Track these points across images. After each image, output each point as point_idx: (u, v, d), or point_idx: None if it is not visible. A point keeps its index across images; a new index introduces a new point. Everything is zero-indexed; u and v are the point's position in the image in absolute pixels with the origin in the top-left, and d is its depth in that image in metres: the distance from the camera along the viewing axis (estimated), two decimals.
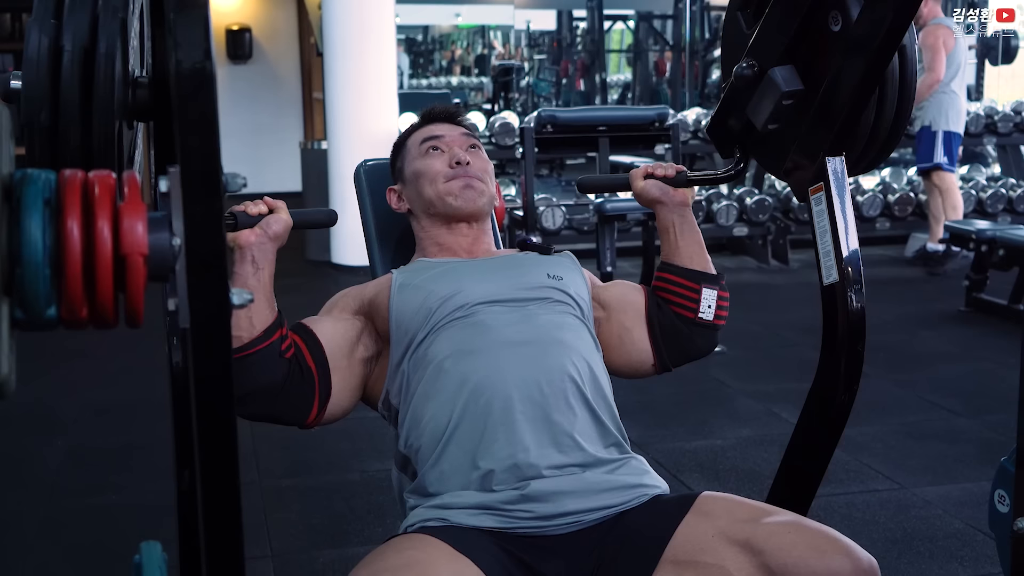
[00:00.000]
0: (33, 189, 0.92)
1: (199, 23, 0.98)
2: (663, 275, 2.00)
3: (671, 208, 2.00)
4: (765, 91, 1.86)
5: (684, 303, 1.96)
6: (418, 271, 1.91)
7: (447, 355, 1.76)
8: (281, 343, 1.75)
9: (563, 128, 5.27)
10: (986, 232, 5.76)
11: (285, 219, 1.80)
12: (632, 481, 1.75)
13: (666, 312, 1.96)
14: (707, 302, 1.96)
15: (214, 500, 1.03)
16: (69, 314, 0.93)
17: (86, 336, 1.00)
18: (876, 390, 4.32)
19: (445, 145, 2.01)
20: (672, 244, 2.01)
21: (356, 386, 1.86)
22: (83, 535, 3.14)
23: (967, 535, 3.04)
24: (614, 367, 1.94)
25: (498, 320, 1.80)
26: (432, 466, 1.72)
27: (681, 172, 2.01)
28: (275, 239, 1.78)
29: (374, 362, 1.87)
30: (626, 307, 1.96)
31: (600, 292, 1.98)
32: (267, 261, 1.77)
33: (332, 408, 1.82)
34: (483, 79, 15.29)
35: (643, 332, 1.95)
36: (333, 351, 1.82)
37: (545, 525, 1.67)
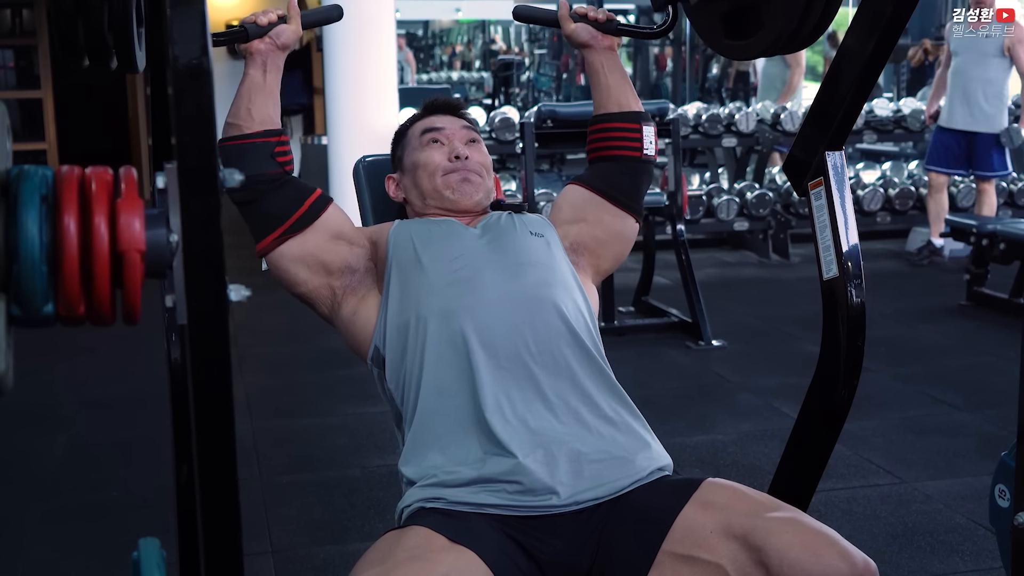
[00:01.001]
0: (30, 185, 0.92)
1: (196, 18, 0.98)
2: (603, 125, 2.04)
3: (598, 51, 2.05)
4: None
5: (629, 144, 2.02)
6: (417, 221, 1.97)
7: (436, 312, 1.79)
8: (275, 146, 1.84)
9: (563, 123, 5.27)
10: (986, 226, 5.76)
11: (293, 28, 1.92)
12: (630, 455, 1.76)
13: (606, 172, 2.02)
14: (648, 139, 2.03)
15: (212, 495, 1.02)
16: (66, 311, 0.93)
17: (85, 332, 1.00)
18: (876, 384, 4.32)
19: (445, 138, 2.02)
20: (603, 86, 2.05)
21: (318, 263, 1.87)
22: (82, 531, 3.14)
23: (968, 529, 3.04)
24: (616, 252, 2.02)
25: (487, 278, 1.82)
26: (422, 427, 1.75)
27: (611, 19, 2.05)
28: (283, 48, 1.90)
29: (349, 277, 1.89)
30: (583, 206, 2.01)
31: (559, 216, 2.02)
32: (275, 67, 1.89)
33: (287, 250, 1.84)
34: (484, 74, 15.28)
35: (608, 206, 2.00)
36: (328, 219, 1.88)
37: (540, 501, 1.67)
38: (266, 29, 1.89)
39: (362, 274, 1.89)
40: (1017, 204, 7.63)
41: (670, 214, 5.43)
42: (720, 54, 1.96)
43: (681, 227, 5.47)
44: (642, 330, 5.39)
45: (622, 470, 1.73)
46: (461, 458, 1.71)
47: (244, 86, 1.87)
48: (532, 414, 1.73)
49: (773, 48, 1.84)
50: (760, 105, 7.83)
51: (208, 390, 1.00)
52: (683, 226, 5.50)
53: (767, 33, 1.80)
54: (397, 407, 1.83)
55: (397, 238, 1.89)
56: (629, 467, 1.74)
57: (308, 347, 4.94)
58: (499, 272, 1.84)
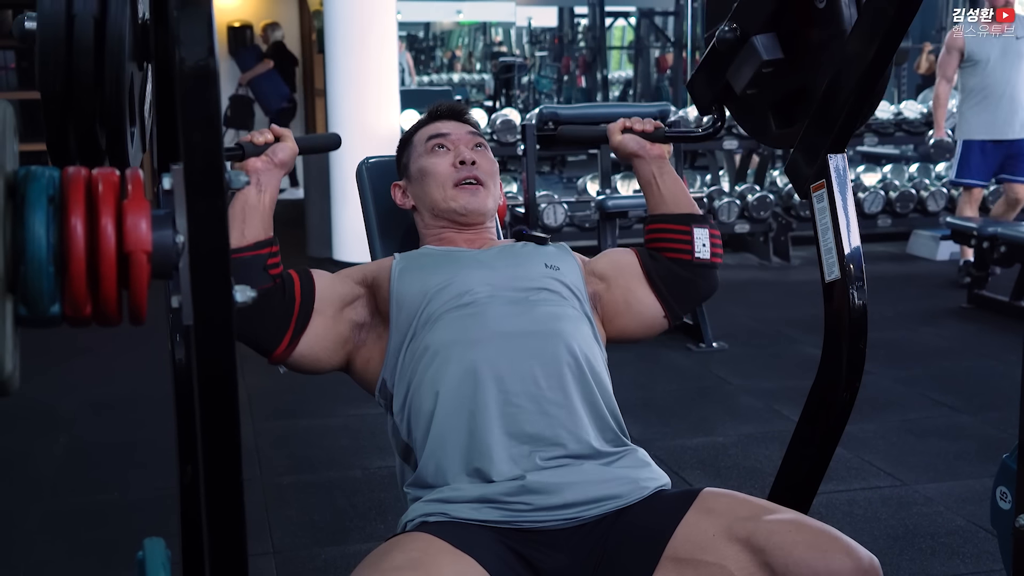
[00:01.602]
0: (37, 186, 0.92)
1: (202, 20, 0.98)
2: (653, 226, 2.02)
3: (648, 161, 2.04)
4: (746, 57, 1.86)
5: (679, 247, 1.97)
6: (419, 256, 1.93)
7: (444, 343, 1.77)
8: (268, 258, 1.79)
9: (565, 125, 5.26)
10: (987, 229, 5.76)
11: (291, 147, 1.89)
12: (632, 474, 1.75)
13: (662, 262, 1.97)
14: (700, 241, 1.97)
15: (217, 496, 1.03)
16: (73, 311, 0.94)
17: (87, 332, 1.01)
18: (877, 387, 4.32)
19: (451, 144, 2.01)
20: (655, 194, 2.03)
21: (334, 341, 1.85)
22: (86, 532, 3.14)
23: (969, 532, 3.05)
24: (628, 331, 1.96)
25: (497, 310, 1.80)
26: (430, 456, 1.73)
27: (659, 128, 2.04)
28: (281, 166, 1.88)
29: (361, 332, 1.87)
30: (622, 270, 1.97)
31: (593, 266, 1.99)
32: (271, 186, 1.86)
33: (303, 349, 1.81)
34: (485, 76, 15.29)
35: (646, 289, 1.95)
36: (323, 298, 1.84)
37: (545, 518, 1.67)
38: (262, 148, 1.87)
39: (369, 325, 1.88)
40: None
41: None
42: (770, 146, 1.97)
43: None
44: None
45: (624, 487, 1.73)
46: (468, 482, 1.71)
47: (237, 207, 1.81)
48: (539, 446, 1.71)
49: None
50: None
51: (213, 391, 1.00)
52: None
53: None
54: (402, 439, 1.81)
55: (400, 274, 1.86)
56: (631, 484, 1.74)
57: None
58: (509, 305, 1.82)
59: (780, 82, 1.87)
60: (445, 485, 1.71)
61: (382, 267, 1.91)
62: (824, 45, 1.78)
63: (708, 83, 1.98)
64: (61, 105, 1.25)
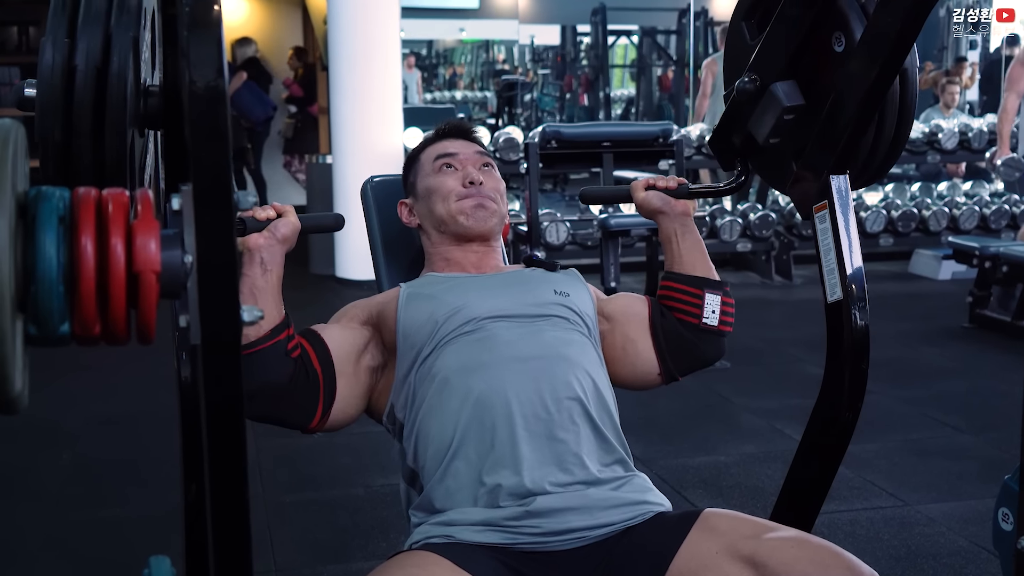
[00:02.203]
0: (48, 206, 0.93)
1: (212, 42, 0.99)
2: (667, 283, 2.00)
3: (672, 218, 2.02)
4: (767, 106, 1.87)
5: (688, 309, 1.95)
6: (426, 285, 1.92)
7: (453, 369, 1.77)
8: (287, 343, 1.76)
9: (567, 143, 5.29)
10: (989, 248, 5.77)
11: (293, 222, 1.83)
12: (636, 498, 1.75)
13: (670, 320, 1.95)
14: (711, 307, 1.95)
15: (223, 514, 1.03)
16: (82, 330, 0.94)
17: (90, 349, 1.01)
18: (879, 407, 4.32)
19: (459, 163, 2.01)
20: (675, 253, 2.01)
21: (361, 394, 1.85)
22: (89, 549, 3.14)
23: (971, 553, 3.04)
24: (620, 379, 1.93)
25: (505, 336, 1.80)
26: (438, 481, 1.73)
27: (683, 184, 2.03)
28: (284, 242, 1.81)
29: (380, 373, 1.88)
30: (630, 318, 1.96)
31: (604, 305, 1.98)
32: (275, 263, 1.80)
33: (336, 414, 1.82)
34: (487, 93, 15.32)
35: (647, 342, 1.94)
36: (340, 357, 1.82)
37: (549, 541, 1.67)
38: (264, 224, 1.80)
39: (383, 363, 1.88)
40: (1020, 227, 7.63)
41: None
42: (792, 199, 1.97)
43: None
44: None
45: (627, 511, 1.73)
46: (474, 507, 1.71)
47: (246, 291, 1.76)
48: (546, 472, 1.71)
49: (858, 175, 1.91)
50: None
51: (220, 409, 1.01)
52: None
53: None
54: (409, 465, 1.81)
55: (407, 304, 1.85)
56: (634, 509, 1.74)
57: None
58: (517, 330, 1.81)
59: (802, 130, 1.88)
60: (451, 510, 1.71)
61: (388, 299, 1.91)
62: None
63: (730, 137, 1.98)
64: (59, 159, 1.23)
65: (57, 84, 1.21)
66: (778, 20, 1.85)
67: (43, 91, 1.22)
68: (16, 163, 0.92)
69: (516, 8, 13.34)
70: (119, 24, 1.24)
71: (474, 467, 1.71)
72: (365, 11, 6.87)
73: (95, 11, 1.24)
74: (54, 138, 1.22)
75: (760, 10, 1.94)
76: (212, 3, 1.01)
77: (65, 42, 1.23)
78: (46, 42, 1.23)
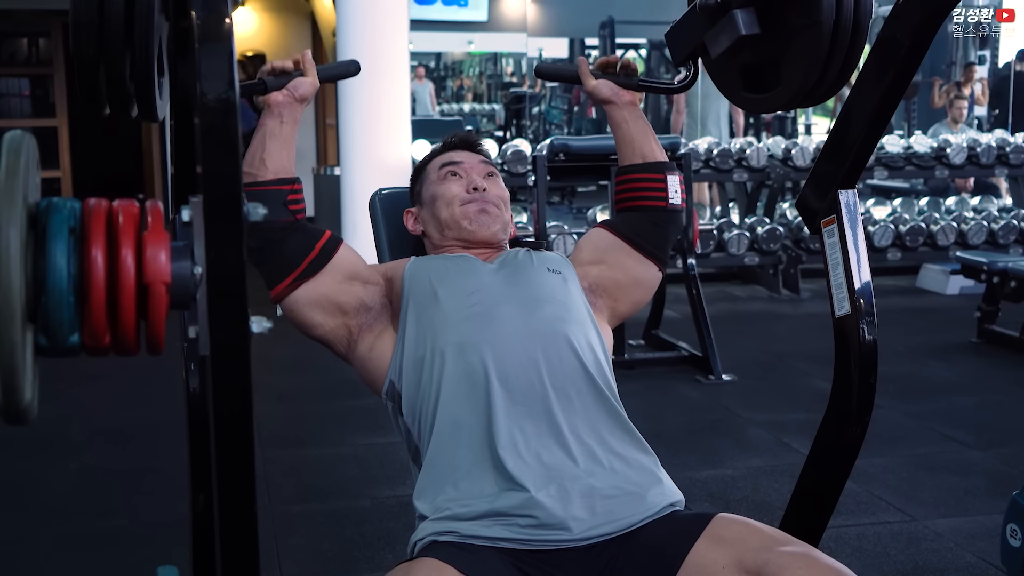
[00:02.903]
0: (58, 218, 0.94)
1: (223, 55, 1.00)
2: (628, 176, 2.04)
3: (620, 107, 2.05)
4: (725, 27, 1.86)
5: (654, 195, 2.01)
6: (432, 259, 1.97)
7: (452, 344, 1.79)
8: (288, 194, 1.84)
9: (575, 156, 5.29)
10: (998, 264, 5.76)
11: (311, 81, 1.91)
12: (643, 491, 1.76)
13: (632, 218, 2.02)
14: (673, 187, 2.02)
15: (231, 524, 1.03)
16: (92, 341, 0.95)
17: (98, 359, 1.02)
18: (887, 421, 4.31)
19: (463, 171, 2.04)
20: (627, 139, 2.05)
21: (333, 306, 1.87)
22: (96, 559, 3.14)
23: (979, 569, 3.03)
24: (636, 299, 2.01)
25: (503, 312, 1.83)
26: (437, 454, 1.76)
27: (632, 74, 2.06)
28: (302, 100, 1.90)
29: (366, 315, 1.89)
30: (607, 249, 2.01)
31: (579, 257, 2.02)
32: (292, 119, 1.90)
33: (302, 295, 1.84)
34: (495, 106, 15.34)
35: (633, 254, 1.99)
36: (340, 261, 1.88)
37: (553, 536, 1.67)
38: (284, 81, 1.89)
39: (377, 311, 1.90)
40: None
41: (681, 248, 5.46)
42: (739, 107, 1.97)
43: (692, 261, 5.49)
44: (652, 363, 5.40)
45: (634, 506, 1.73)
46: (475, 492, 1.72)
47: (260, 135, 1.88)
48: (545, 449, 1.73)
49: (791, 103, 1.87)
50: (771, 140, 7.86)
51: (229, 420, 1.01)
52: (694, 260, 5.53)
53: (785, 88, 1.83)
54: (413, 441, 1.83)
55: (413, 274, 1.90)
56: (641, 503, 1.74)
57: (319, 377, 4.95)
58: (515, 307, 1.84)
59: (753, 52, 1.87)
60: (451, 486, 1.73)
61: (398, 265, 1.95)
62: (800, 29, 1.78)
63: (686, 39, 1.99)
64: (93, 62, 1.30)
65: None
66: None
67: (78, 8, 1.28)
68: (28, 174, 0.93)
69: (525, 21, 13.36)
70: None
71: (472, 441, 1.74)
72: (374, 23, 6.88)
73: None
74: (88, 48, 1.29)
75: None
76: (223, 16, 1.01)
77: None
78: None
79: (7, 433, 3.84)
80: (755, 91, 1.91)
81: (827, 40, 1.72)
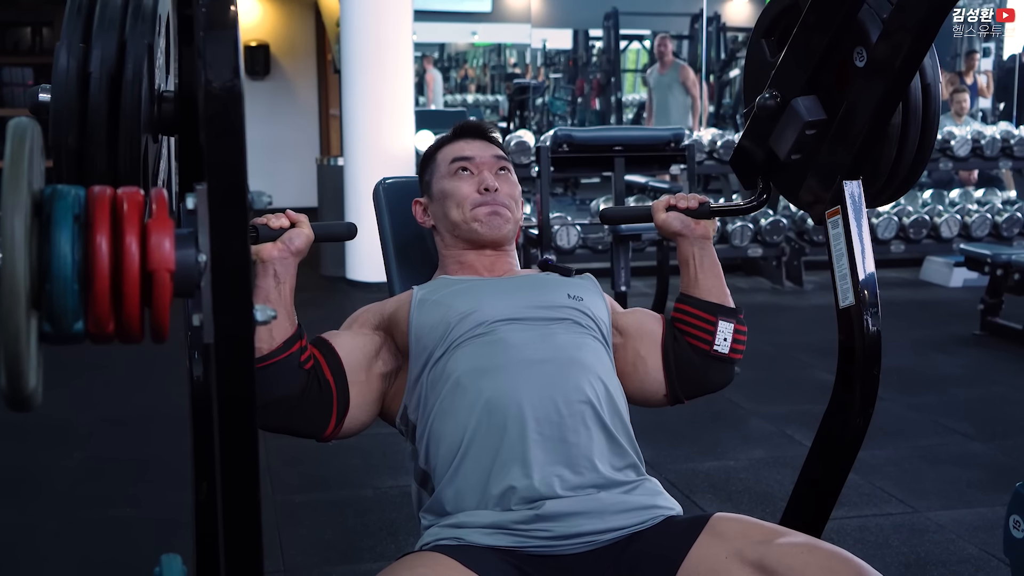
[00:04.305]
0: (63, 205, 0.93)
1: (228, 43, 1.00)
2: (681, 306, 1.98)
3: (692, 241, 1.98)
4: (788, 121, 1.86)
5: (700, 335, 1.94)
6: (438, 287, 1.92)
7: (465, 371, 1.76)
8: (300, 355, 1.75)
9: (579, 147, 5.29)
10: (1001, 256, 5.75)
11: (307, 233, 1.80)
12: (646, 502, 1.75)
13: (682, 344, 1.94)
14: (723, 335, 1.93)
15: (234, 513, 1.03)
16: (96, 328, 0.95)
17: (101, 348, 1.01)
18: (890, 413, 4.31)
19: (475, 168, 2.00)
20: (691, 277, 1.98)
21: (374, 400, 1.85)
22: (99, 548, 3.15)
23: (981, 560, 3.03)
24: (626, 394, 1.91)
25: (517, 338, 1.80)
26: (448, 483, 1.73)
27: (703, 204, 2.00)
28: (297, 254, 1.78)
29: (393, 377, 1.87)
30: (643, 335, 1.95)
31: (619, 318, 1.97)
32: (288, 275, 1.78)
33: (350, 422, 1.82)
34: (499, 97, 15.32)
35: (657, 362, 1.93)
36: (352, 365, 1.82)
37: (559, 545, 1.67)
38: (278, 233, 1.78)
39: (396, 368, 1.87)
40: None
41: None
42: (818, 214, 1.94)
43: None
44: None
45: (636, 516, 1.73)
46: (483, 508, 1.71)
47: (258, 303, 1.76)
48: (558, 475, 1.71)
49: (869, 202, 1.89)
50: None
51: (232, 408, 1.01)
52: None
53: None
54: (421, 467, 1.81)
55: (419, 308, 1.85)
56: (645, 514, 1.74)
57: None
58: (529, 333, 1.81)
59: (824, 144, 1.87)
60: (461, 512, 1.71)
61: (400, 302, 1.90)
62: None
63: (751, 154, 1.97)
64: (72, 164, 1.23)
65: (72, 90, 1.22)
66: (799, 35, 1.85)
67: (58, 96, 1.23)
68: (32, 161, 0.93)
69: (528, 12, 13.34)
70: (134, 30, 1.24)
71: (484, 469, 1.71)
72: (378, 14, 6.88)
73: (110, 17, 1.25)
74: (68, 143, 1.22)
75: (780, 26, 1.94)
76: (228, 4, 1.01)
77: (80, 47, 1.23)
78: (61, 47, 1.24)
79: (11, 422, 3.85)
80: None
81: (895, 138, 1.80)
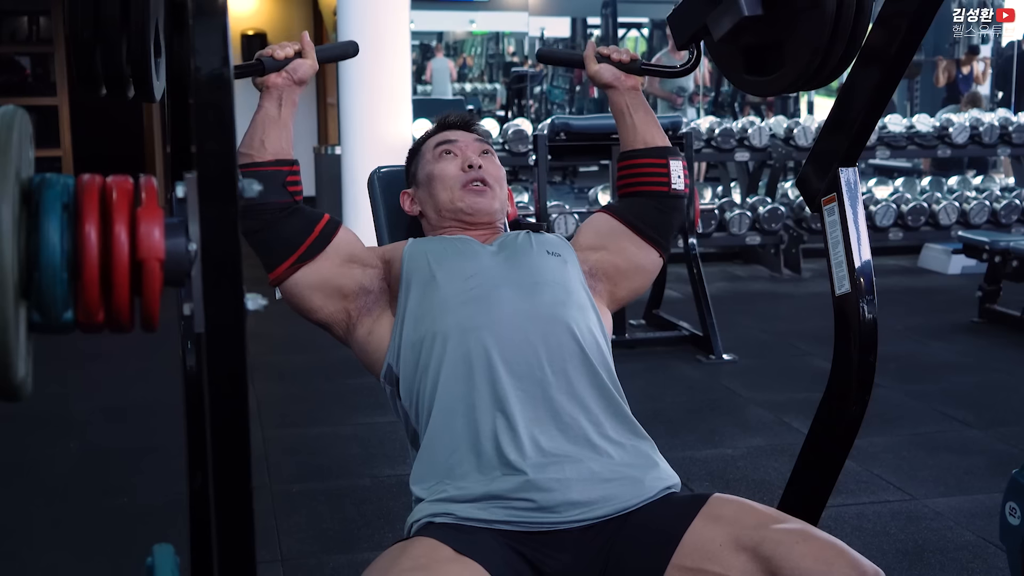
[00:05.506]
0: (52, 193, 0.93)
1: (217, 30, 0.99)
2: (630, 161, 2.03)
3: (622, 92, 2.04)
4: (728, 7, 1.85)
5: (655, 180, 2.00)
6: (430, 241, 1.96)
7: (450, 328, 1.78)
8: (287, 175, 1.83)
9: (576, 136, 5.28)
10: (999, 243, 5.75)
11: (311, 63, 1.90)
12: (639, 474, 1.76)
13: (636, 203, 2.00)
14: (676, 173, 2.01)
15: (227, 502, 1.03)
16: (85, 318, 0.94)
17: (98, 338, 1.01)
18: (887, 400, 4.31)
19: (458, 149, 2.03)
20: (629, 125, 2.04)
21: (333, 290, 1.86)
22: (94, 537, 3.15)
23: (978, 547, 3.04)
24: (636, 286, 2.00)
25: (502, 295, 1.82)
26: (434, 438, 1.75)
27: (635, 60, 2.05)
28: (300, 83, 1.90)
29: (365, 298, 1.88)
30: (609, 234, 1.99)
31: (580, 241, 2.01)
32: (291, 101, 1.89)
33: (301, 278, 1.83)
34: (497, 86, 15.30)
35: (635, 239, 1.97)
36: (339, 244, 1.87)
37: (550, 518, 1.68)
38: (283, 63, 1.88)
39: (376, 295, 1.88)
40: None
41: (682, 228, 5.45)
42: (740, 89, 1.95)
43: (693, 241, 5.48)
44: (653, 343, 5.39)
45: (631, 489, 1.73)
46: (472, 475, 1.71)
47: (258, 118, 1.87)
48: (543, 433, 1.73)
49: (794, 86, 1.86)
50: (773, 120, 7.84)
51: (224, 398, 1.01)
52: (695, 240, 5.52)
53: (788, 71, 1.81)
54: (411, 425, 1.83)
55: (411, 256, 1.88)
56: (638, 486, 1.74)
57: (319, 356, 4.95)
58: (514, 290, 1.83)
59: (756, 34, 1.86)
60: (448, 470, 1.72)
61: (396, 247, 1.94)
62: (803, 11, 1.76)
63: (688, 21, 1.97)
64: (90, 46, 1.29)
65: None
66: None
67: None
68: (20, 149, 0.92)
69: (526, 0, 13.32)
70: None
71: (470, 425, 1.73)
72: (375, 2, 6.86)
73: None
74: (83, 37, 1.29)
75: None
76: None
77: None
78: None
79: (6, 412, 3.84)
80: (758, 74, 1.90)
81: (830, 23, 1.71)
